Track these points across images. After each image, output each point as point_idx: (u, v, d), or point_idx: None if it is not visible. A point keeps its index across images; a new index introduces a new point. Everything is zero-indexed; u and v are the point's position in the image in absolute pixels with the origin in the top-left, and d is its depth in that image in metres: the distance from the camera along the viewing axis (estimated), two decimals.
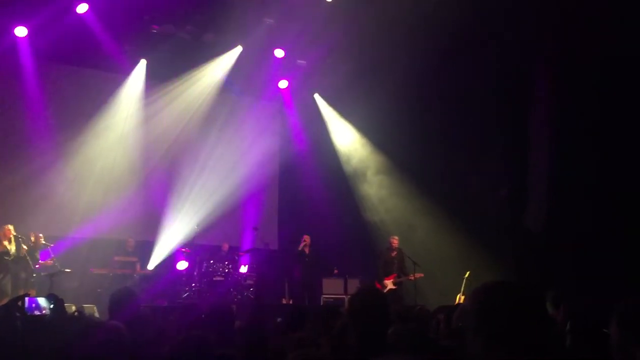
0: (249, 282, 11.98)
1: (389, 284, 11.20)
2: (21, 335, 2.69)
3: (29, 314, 2.87)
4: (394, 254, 11.39)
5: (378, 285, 11.32)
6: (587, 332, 3.12)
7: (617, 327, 2.50)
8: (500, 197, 11.67)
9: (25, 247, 9.66)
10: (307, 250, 11.93)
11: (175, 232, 12.25)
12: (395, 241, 11.47)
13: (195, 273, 11.70)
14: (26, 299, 2.95)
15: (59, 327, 2.80)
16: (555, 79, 10.71)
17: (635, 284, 8.08)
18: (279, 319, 5.65)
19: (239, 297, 11.53)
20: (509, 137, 11.59)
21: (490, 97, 11.71)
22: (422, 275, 11.08)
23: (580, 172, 10.24)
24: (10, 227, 9.63)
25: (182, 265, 11.84)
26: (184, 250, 11.96)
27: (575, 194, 10.31)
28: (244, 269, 12.17)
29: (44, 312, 2.92)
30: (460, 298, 10.88)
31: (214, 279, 11.58)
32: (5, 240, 9.53)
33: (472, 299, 1.91)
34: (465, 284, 10.95)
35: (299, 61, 13.26)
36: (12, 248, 9.58)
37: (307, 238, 11.97)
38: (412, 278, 11.05)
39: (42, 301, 2.95)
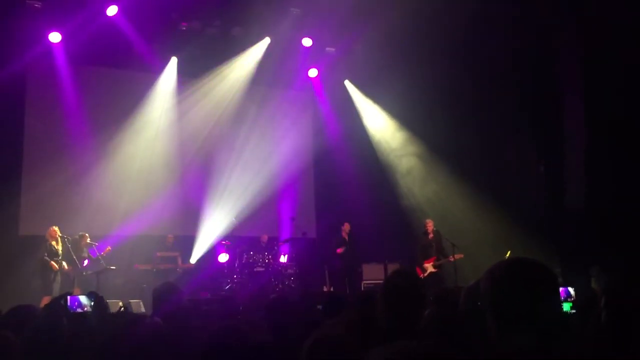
0: (290, 271, 12.10)
1: (429, 267, 11.15)
2: (66, 333, 2.80)
3: (71, 312, 2.97)
4: (430, 236, 11.32)
5: (418, 270, 11.29)
6: (621, 308, 3.07)
7: None
8: (537, 174, 11.49)
9: (70, 246, 9.96)
10: (346, 237, 11.98)
11: (214, 225, 12.43)
12: (430, 224, 11.38)
13: (236, 265, 11.88)
14: (68, 297, 3.05)
15: (101, 323, 2.91)
16: (588, 47, 10.42)
17: None
18: (319, 306, 5.70)
19: (280, 286, 11.67)
20: (543, 112, 11.36)
21: (522, 74, 11.50)
22: (461, 255, 10.97)
23: (619, 145, 9.99)
24: (56, 228, 9.95)
25: (223, 257, 12.03)
26: (224, 242, 12.14)
27: (614, 168, 10.07)
28: (283, 259, 12.30)
29: (85, 309, 3.02)
30: None
31: (255, 269, 11.74)
32: (52, 240, 9.86)
33: (484, 279, 1.89)
34: None
35: (327, 49, 13.25)
36: (59, 248, 9.90)
37: (346, 225, 12.02)
38: (452, 259, 10.97)
39: (83, 299, 3.04)
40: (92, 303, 3.01)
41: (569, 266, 10.48)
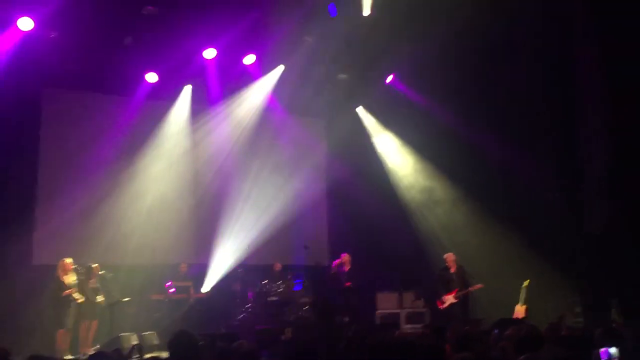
0: (304, 300, 11.91)
1: (450, 298, 10.92)
2: None
3: None
4: (452, 270, 11.10)
5: (438, 303, 11.10)
6: None
7: None
8: (556, 199, 11.28)
9: (83, 278, 9.87)
10: (346, 268, 11.58)
11: (227, 254, 12.33)
12: (450, 257, 11.15)
13: (249, 294, 11.74)
14: None
15: None
16: (604, 65, 10.25)
17: None
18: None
19: (294, 316, 11.49)
20: (562, 136, 11.16)
21: (541, 99, 11.37)
22: (481, 285, 10.82)
23: None
24: (69, 260, 9.85)
25: (236, 286, 11.91)
26: (237, 271, 12.04)
27: (636, 190, 9.85)
28: (297, 288, 12.11)
29: None
30: (519, 309, 10.57)
31: (269, 299, 11.56)
32: (64, 273, 9.75)
33: None
34: (524, 293, 10.63)
35: (340, 76, 13.24)
36: (72, 281, 9.79)
37: (345, 256, 11.67)
38: (472, 289, 10.84)
39: None
40: None
41: (588, 295, 10.27)
